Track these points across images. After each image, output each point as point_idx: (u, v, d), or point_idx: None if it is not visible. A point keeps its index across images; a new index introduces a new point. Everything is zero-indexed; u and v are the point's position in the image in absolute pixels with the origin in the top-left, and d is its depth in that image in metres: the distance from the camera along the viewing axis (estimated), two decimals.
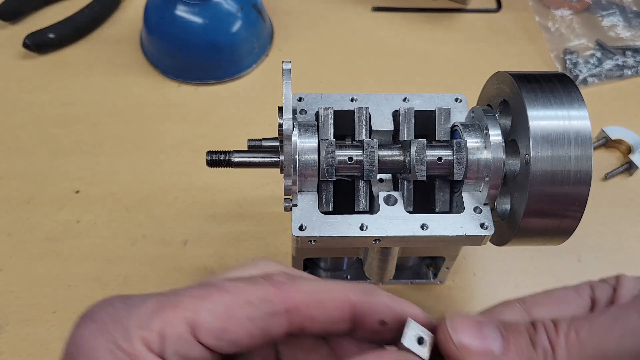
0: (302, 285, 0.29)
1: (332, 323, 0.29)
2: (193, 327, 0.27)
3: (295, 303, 0.28)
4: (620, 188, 0.62)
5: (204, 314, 0.27)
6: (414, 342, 0.28)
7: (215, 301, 0.27)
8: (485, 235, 0.38)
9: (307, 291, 0.29)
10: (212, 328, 0.27)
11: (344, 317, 0.29)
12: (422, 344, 0.28)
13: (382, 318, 0.29)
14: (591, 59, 0.72)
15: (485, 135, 0.39)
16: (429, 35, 0.76)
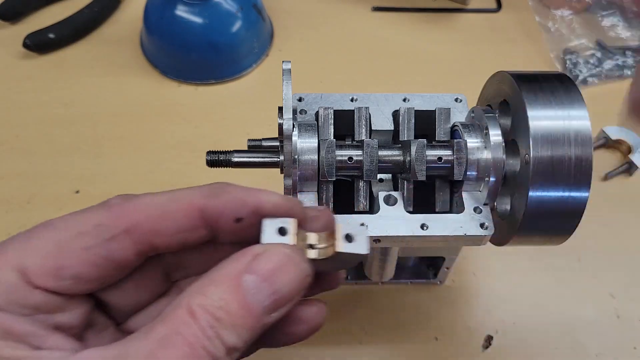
0: (138, 201, 0.27)
1: (184, 232, 0.27)
2: (23, 272, 0.25)
3: (133, 221, 0.27)
4: (620, 188, 0.62)
5: (31, 256, 0.25)
6: (275, 236, 0.27)
7: (42, 240, 0.25)
8: (485, 235, 0.38)
9: (146, 206, 0.27)
10: (45, 268, 0.25)
11: (195, 223, 0.27)
12: (285, 234, 0.27)
13: (235, 215, 0.27)
14: (591, 59, 0.72)
15: (485, 135, 0.39)
16: (429, 35, 0.76)
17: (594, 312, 0.53)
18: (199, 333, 0.23)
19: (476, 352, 0.51)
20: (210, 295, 0.24)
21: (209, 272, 0.25)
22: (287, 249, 0.26)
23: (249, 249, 0.26)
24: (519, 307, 0.53)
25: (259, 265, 0.25)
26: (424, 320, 0.53)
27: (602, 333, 0.52)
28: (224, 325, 0.23)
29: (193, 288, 0.24)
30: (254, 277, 0.24)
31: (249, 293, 0.24)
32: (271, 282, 0.25)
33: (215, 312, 0.23)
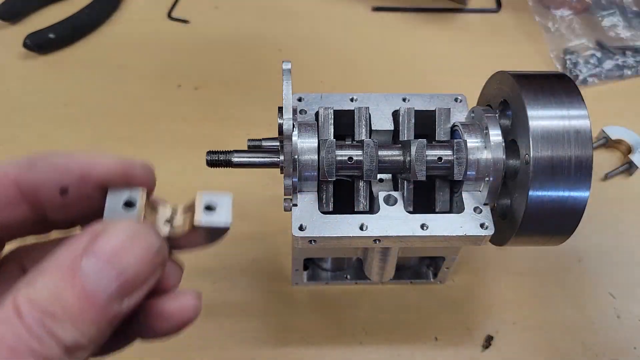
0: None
1: (2, 209, 0.23)
2: None
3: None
4: (620, 188, 0.62)
5: None
6: (119, 210, 0.23)
7: None
8: (485, 235, 0.38)
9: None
10: None
11: (11, 197, 0.23)
12: (131, 206, 0.23)
13: (59, 185, 0.23)
14: (591, 59, 0.72)
15: (485, 135, 0.39)
16: (429, 35, 0.76)
17: (594, 312, 0.53)
18: (23, 332, 0.19)
19: (476, 352, 0.51)
20: (39, 287, 0.20)
21: (39, 263, 0.21)
22: (132, 224, 0.22)
23: (86, 229, 0.22)
24: (519, 307, 0.53)
25: (98, 246, 0.21)
26: (424, 320, 0.53)
27: (602, 333, 0.52)
28: (59, 320, 0.20)
29: (21, 281, 0.21)
30: (94, 260, 0.21)
31: (89, 279, 0.21)
32: (114, 264, 0.21)
33: (47, 306, 0.20)
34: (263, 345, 0.51)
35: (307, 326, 0.52)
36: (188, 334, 0.51)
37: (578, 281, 0.55)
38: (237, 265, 0.55)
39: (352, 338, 0.51)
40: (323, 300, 0.53)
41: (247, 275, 0.54)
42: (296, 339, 0.51)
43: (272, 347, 0.51)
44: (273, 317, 0.52)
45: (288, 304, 0.53)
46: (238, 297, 0.53)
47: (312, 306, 0.53)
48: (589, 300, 0.54)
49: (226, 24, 0.77)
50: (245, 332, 0.51)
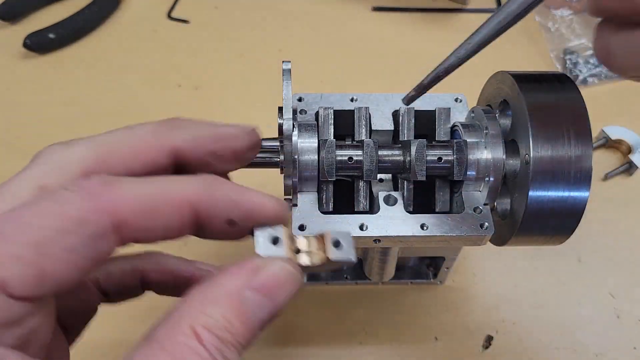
0: (124, 191, 0.23)
1: (172, 230, 0.25)
2: (2, 285, 0.21)
3: (120, 216, 0.23)
4: (620, 188, 0.62)
5: (9, 265, 0.21)
6: (269, 246, 0.26)
7: (18, 245, 0.21)
8: (485, 235, 0.38)
9: (136, 197, 0.23)
10: (25, 277, 0.21)
11: (185, 221, 0.25)
12: (278, 243, 0.26)
13: (229, 217, 0.25)
14: (591, 59, 0.72)
15: (485, 135, 0.39)
16: (429, 35, 0.76)
17: (594, 312, 0.53)
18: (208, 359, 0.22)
19: (476, 352, 0.51)
20: (213, 315, 0.22)
21: (205, 287, 0.24)
22: (287, 263, 0.25)
23: (247, 262, 0.25)
24: (519, 307, 0.53)
25: (260, 281, 0.24)
26: (424, 320, 0.53)
27: (602, 333, 0.52)
28: (228, 345, 0.22)
29: (191, 306, 0.23)
30: (256, 293, 0.24)
31: (251, 310, 0.23)
32: (272, 298, 0.24)
33: (220, 333, 0.22)
34: (263, 345, 0.51)
35: (307, 326, 0.52)
36: None
37: (578, 281, 0.55)
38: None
39: (351, 338, 0.51)
40: (323, 300, 0.53)
41: None
42: (296, 339, 0.51)
43: (272, 347, 0.51)
44: None
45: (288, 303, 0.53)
46: None
47: (312, 306, 0.53)
48: (588, 300, 0.54)
49: (226, 24, 0.77)
50: None
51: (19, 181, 0.25)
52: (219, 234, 0.26)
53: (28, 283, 0.21)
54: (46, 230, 0.22)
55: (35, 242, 0.21)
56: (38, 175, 0.25)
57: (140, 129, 0.27)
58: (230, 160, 0.29)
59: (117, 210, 0.23)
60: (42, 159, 0.26)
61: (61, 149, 0.26)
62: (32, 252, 0.21)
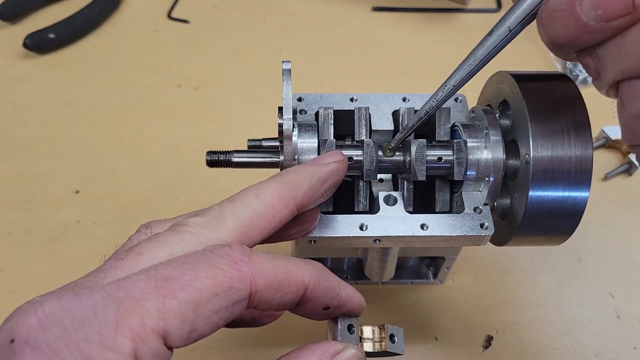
0: (261, 265, 0.26)
1: (285, 305, 0.28)
2: (164, 337, 0.23)
3: (257, 288, 0.26)
4: (620, 188, 0.62)
5: (173, 320, 0.23)
6: (346, 333, 0.31)
7: (181, 302, 0.23)
8: (485, 235, 0.38)
9: (269, 273, 0.27)
10: (182, 332, 0.23)
11: (297, 300, 0.28)
12: (352, 330, 0.32)
13: (327, 303, 0.29)
14: None
15: (485, 135, 0.39)
16: (429, 35, 0.76)
17: (594, 312, 0.53)
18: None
19: (476, 352, 0.51)
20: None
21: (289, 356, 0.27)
22: (359, 351, 0.29)
23: (329, 344, 0.28)
24: (519, 307, 0.53)
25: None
26: (424, 320, 0.53)
27: (602, 333, 0.52)
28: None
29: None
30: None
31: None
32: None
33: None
34: (263, 345, 0.51)
35: (306, 326, 0.52)
36: None
37: (578, 281, 0.55)
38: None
39: None
40: None
41: None
42: (296, 339, 0.51)
43: (272, 347, 0.51)
44: None
45: None
46: None
47: None
48: (588, 300, 0.54)
49: (226, 24, 0.77)
50: (245, 332, 0.51)
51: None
52: (311, 314, 0.30)
53: (182, 337, 0.23)
54: (203, 292, 0.24)
55: (195, 303, 0.23)
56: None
57: (266, 195, 0.31)
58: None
59: (255, 281, 0.26)
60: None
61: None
62: (190, 311, 0.23)
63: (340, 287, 0.30)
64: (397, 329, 0.33)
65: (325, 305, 0.30)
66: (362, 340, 0.32)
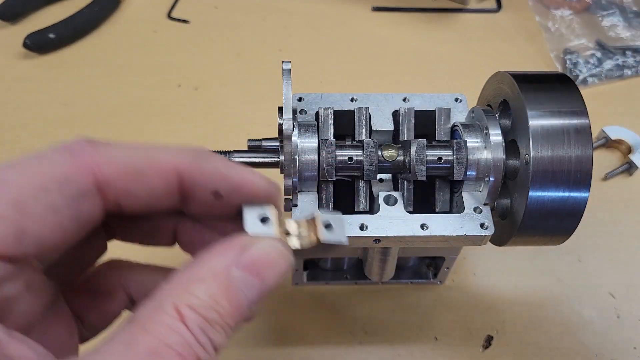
0: (109, 152, 0.23)
1: (157, 197, 0.24)
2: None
3: (105, 176, 0.23)
4: (620, 188, 0.62)
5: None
6: (258, 224, 0.25)
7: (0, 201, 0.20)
8: (485, 235, 0.38)
9: (119, 160, 0.23)
10: (3, 237, 0.20)
11: (170, 189, 0.24)
12: (267, 222, 0.25)
13: (215, 188, 0.25)
14: (591, 59, 0.72)
15: (485, 135, 0.39)
16: (429, 35, 0.76)
17: (594, 312, 0.53)
18: (191, 340, 0.21)
19: (476, 352, 0.51)
20: (199, 294, 0.21)
21: (190, 267, 0.22)
22: (277, 242, 0.24)
23: (234, 240, 0.23)
24: (519, 307, 0.53)
25: (248, 260, 0.23)
26: (424, 320, 0.53)
27: (602, 333, 0.52)
28: (215, 325, 0.22)
29: (175, 285, 0.22)
30: (244, 272, 0.22)
31: (239, 290, 0.22)
32: (261, 277, 0.23)
33: (206, 313, 0.21)
34: (263, 345, 0.51)
35: (307, 326, 0.52)
36: None
37: (578, 281, 0.55)
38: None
39: (351, 338, 0.51)
40: (323, 300, 0.53)
41: None
42: (296, 339, 0.51)
43: (272, 347, 0.51)
44: (273, 317, 0.52)
45: (288, 303, 0.53)
46: None
47: (312, 306, 0.53)
48: (588, 300, 0.54)
49: (226, 24, 0.77)
50: (244, 332, 0.51)
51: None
52: (205, 207, 0.25)
53: (7, 242, 0.20)
54: (27, 188, 0.21)
55: (15, 200, 0.20)
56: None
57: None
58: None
59: (101, 170, 0.23)
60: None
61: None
62: (11, 210, 0.20)
63: (228, 168, 0.25)
64: (334, 216, 0.27)
65: (213, 190, 0.25)
66: (288, 237, 0.26)
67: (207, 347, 0.21)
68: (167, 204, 0.25)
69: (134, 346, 0.20)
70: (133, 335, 0.20)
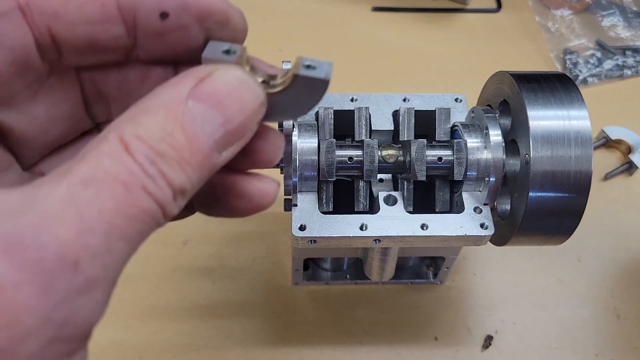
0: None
1: (94, 24, 0.21)
2: None
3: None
4: (620, 188, 0.62)
5: None
6: (219, 54, 0.22)
7: None
8: (485, 236, 0.38)
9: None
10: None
11: (107, 12, 0.21)
12: (231, 54, 0.22)
13: (160, 7, 0.21)
14: (591, 59, 0.72)
15: (485, 135, 0.39)
16: (429, 35, 0.76)
17: (594, 312, 0.53)
18: (136, 169, 0.18)
19: (476, 352, 0.51)
20: (147, 125, 0.19)
21: (140, 100, 0.20)
22: (238, 70, 0.21)
23: (190, 71, 0.20)
24: (519, 307, 0.53)
25: (206, 89, 0.20)
26: (424, 320, 0.53)
27: (602, 333, 0.52)
28: (169, 160, 0.19)
29: (122, 118, 0.19)
30: (201, 103, 0.20)
31: (196, 123, 0.19)
32: (222, 110, 0.20)
33: (156, 144, 0.19)
34: (263, 345, 0.51)
35: (307, 326, 0.52)
36: (188, 334, 0.51)
37: (578, 281, 0.55)
38: (237, 265, 0.55)
39: (352, 338, 0.51)
40: (323, 300, 0.53)
41: (247, 275, 0.54)
42: (296, 339, 0.51)
43: (272, 347, 0.51)
44: (273, 317, 0.52)
45: (288, 304, 0.53)
46: (238, 297, 0.53)
47: (312, 306, 0.53)
48: (588, 300, 0.54)
49: None
50: (245, 332, 0.51)
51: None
52: (152, 39, 0.22)
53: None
54: None
55: None
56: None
57: None
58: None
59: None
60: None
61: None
62: None
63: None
64: (319, 60, 0.23)
65: (158, 9, 0.21)
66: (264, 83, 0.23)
67: (158, 180, 0.19)
68: (109, 34, 0.22)
69: (68, 175, 0.18)
70: (70, 166, 0.18)
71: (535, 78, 0.38)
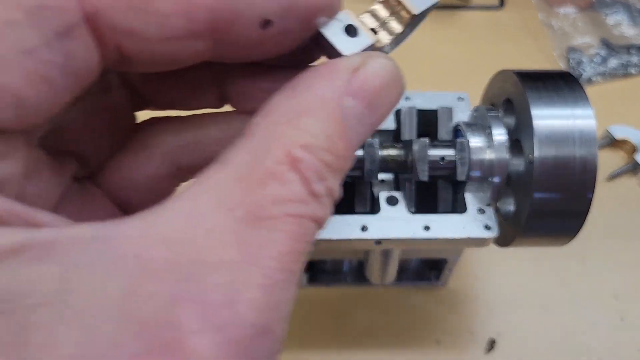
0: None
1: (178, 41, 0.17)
2: None
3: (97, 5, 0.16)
4: (625, 188, 0.61)
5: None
6: (348, 39, 0.19)
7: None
8: (489, 237, 0.37)
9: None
10: None
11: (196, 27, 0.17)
12: (353, 31, 0.19)
13: (262, 15, 0.17)
14: (595, 57, 0.71)
15: (488, 134, 0.38)
16: (430, 32, 0.76)
17: (598, 314, 0.53)
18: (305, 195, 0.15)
19: (479, 355, 0.50)
20: (312, 131, 0.16)
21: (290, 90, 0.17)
22: (388, 62, 0.19)
23: (339, 61, 0.18)
24: (522, 310, 0.53)
25: (361, 85, 0.18)
26: (426, 323, 0.52)
27: (606, 335, 0.52)
28: (333, 171, 0.16)
29: (277, 116, 0.17)
30: (356, 102, 0.17)
31: (352, 125, 0.17)
32: (374, 110, 0.18)
33: (324, 156, 0.16)
34: None
35: (307, 329, 0.51)
36: None
37: (582, 283, 0.55)
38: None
39: (352, 341, 0.51)
40: (323, 302, 0.53)
41: None
42: (296, 341, 0.51)
43: None
44: None
45: None
46: None
47: (312, 308, 0.53)
48: (592, 302, 0.53)
49: None
50: None
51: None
52: (248, 48, 0.18)
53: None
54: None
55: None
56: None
57: None
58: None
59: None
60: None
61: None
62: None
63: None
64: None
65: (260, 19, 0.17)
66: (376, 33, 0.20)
67: (324, 199, 0.16)
68: (191, 50, 0.18)
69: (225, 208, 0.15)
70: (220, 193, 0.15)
71: (539, 77, 0.37)
